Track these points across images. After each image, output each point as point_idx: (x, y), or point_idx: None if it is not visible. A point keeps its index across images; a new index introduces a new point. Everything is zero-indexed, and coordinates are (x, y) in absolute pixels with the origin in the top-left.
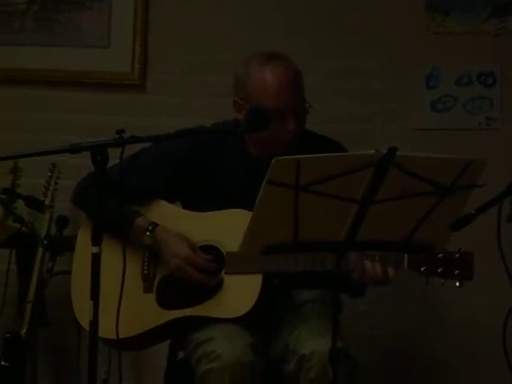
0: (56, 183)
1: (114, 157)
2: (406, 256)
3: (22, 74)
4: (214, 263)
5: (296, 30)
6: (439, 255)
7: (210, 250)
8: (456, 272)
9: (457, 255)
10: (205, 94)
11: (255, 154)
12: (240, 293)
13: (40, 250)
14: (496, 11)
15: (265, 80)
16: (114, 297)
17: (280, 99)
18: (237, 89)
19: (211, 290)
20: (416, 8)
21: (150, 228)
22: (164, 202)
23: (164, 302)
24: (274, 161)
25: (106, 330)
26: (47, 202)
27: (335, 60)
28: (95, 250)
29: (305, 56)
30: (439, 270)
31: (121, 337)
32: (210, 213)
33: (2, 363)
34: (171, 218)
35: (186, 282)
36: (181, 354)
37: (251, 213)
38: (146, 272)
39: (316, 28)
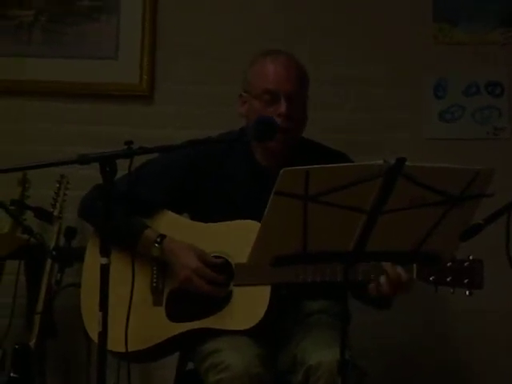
0: (65, 194)
1: (122, 168)
2: (414, 266)
3: (30, 85)
4: (222, 275)
5: (303, 45)
6: (448, 264)
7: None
8: (465, 281)
9: (466, 263)
10: (212, 104)
11: (263, 164)
12: (249, 304)
13: (49, 262)
14: (503, 21)
15: (264, 66)
16: (124, 311)
17: (273, 81)
18: (242, 83)
19: (220, 302)
20: (424, 18)
21: (159, 240)
22: (171, 213)
23: (173, 315)
24: (282, 171)
25: (115, 343)
26: (56, 214)
27: (341, 69)
28: (104, 261)
29: (306, 60)
30: (448, 279)
31: (130, 350)
32: (218, 224)
33: (11, 375)
34: (179, 230)
35: (195, 294)
36: (190, 365)
37: (260, 224)
38: (154, 285)
39: (319, 39)
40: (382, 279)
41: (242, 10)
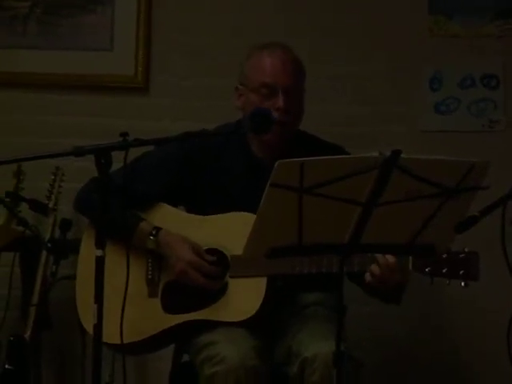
0: (60, 186)
1: (117, 160)
2: (410, 257)
3: (25, 77)
4: (218, 267)
5: (299, 36)
6: (443, 255)
7: (214, 253)
8: (461, 272)
9: (461, 255)
10: (208, 96)
11: (260, 156)
12: (245, 296)
13: (44, 254)
14: (499, 14)
15: (260, 59)
16: (119, 302)
17: (270, 75)
18: (239, 76)
19: (216, 293)
20: (419, 11)
21: (154, 232)
22: (167, 206)
23: (169, 307)
24: (277, 163)
25: (110, 335)
26: (51, 205)
27: (337, 62)
28: (99, 253)
29: (306, 59)
30: (444, 271)
31: (125, 342)
32: (213, 216)
33: (6, 366)
34: (175, 222)
35: (190, 286)
36: (185, 357)
37: (255, 216)
38: (150, 277)
39: (317, 32)
40: (373, 266)
41: (242, 9)
